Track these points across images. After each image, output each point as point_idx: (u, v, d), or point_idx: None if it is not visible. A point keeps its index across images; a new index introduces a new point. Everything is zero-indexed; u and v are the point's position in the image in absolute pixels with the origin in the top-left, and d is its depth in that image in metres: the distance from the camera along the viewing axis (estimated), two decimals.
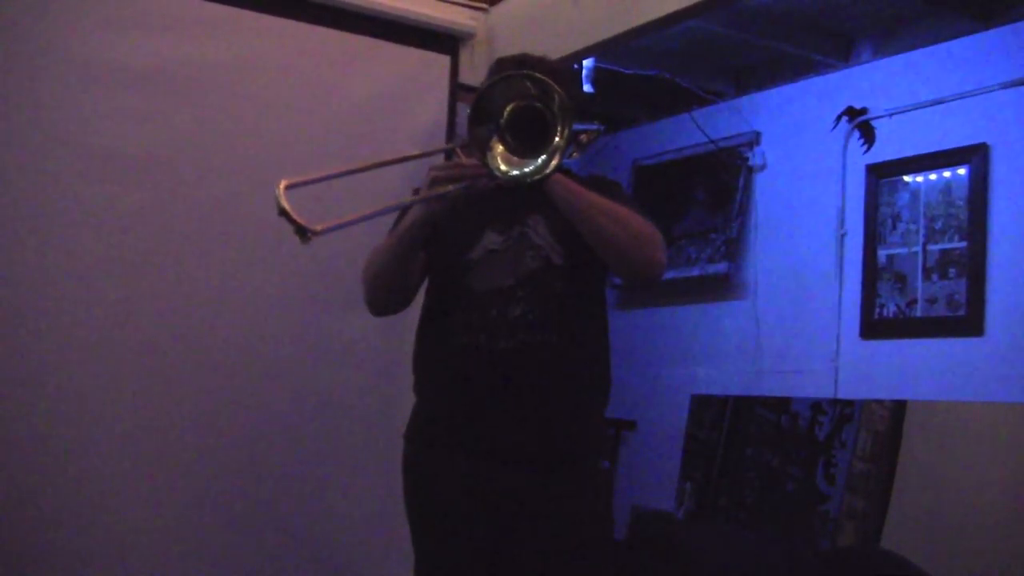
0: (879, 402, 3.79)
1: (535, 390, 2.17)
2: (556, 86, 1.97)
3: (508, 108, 2.00)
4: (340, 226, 1.92)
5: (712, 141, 4.73)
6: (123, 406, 3.18)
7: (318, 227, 1.85)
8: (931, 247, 3.82)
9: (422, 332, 2.33)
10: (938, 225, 3.81)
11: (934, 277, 3.81)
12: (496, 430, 2.17)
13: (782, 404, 4.17)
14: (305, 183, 1.94)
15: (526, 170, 2.00)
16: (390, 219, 2.35)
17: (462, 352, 2.19)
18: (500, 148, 2.01)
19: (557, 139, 1.97)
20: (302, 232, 1.85)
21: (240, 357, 3.37)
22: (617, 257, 2.20)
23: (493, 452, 2.17)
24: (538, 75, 2.01)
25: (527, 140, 2.01)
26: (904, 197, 3.95)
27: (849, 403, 3.91)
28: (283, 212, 1.84)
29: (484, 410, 2.18)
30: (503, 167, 2.01)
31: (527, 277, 2.21)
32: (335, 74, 3.61)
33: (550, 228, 2.24)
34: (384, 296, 2.29)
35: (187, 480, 3.26)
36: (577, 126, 2.11)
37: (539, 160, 1.99)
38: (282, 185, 1.88)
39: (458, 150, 2.25)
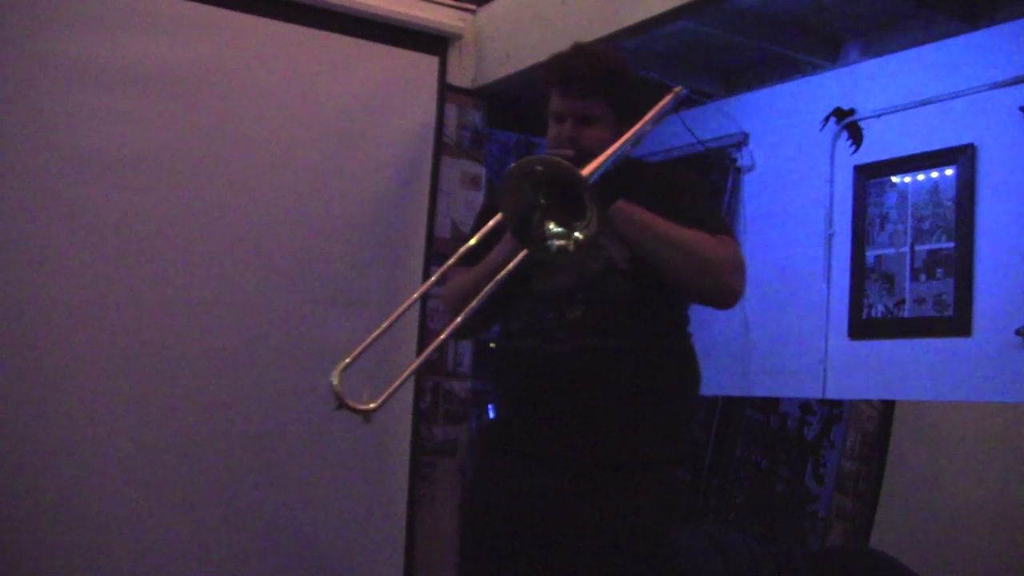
0: (868, 402, 3.79)
1: (593, 396, 2.07)
2: (554, 163, 1.88)
3: (541, 194, 1.92)
4: (391, 394, 1.98)
5: (700, 142, 4.73)
6: (117, 406, 3.17)
7: (373, 405, 1.94)
8: (919, 247, 3.83)
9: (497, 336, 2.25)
10: (926, 226, 3.82)
11: (922, 277, 3.81)
12: (552, 436, 2.09)
13: (771, 404, 4.17)
14: (352, 362, 2.00)
15: (568, 246, 1.92)
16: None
17: (517, 356, 2.13)
18: (552, 224, 1.93)
19: (587, 212, 1.88)
20: (365, 416, 1.93)
21: (234, 358, 3.36)
22: (684, 287, 2.13)
23: (549, 458, 2.08)
24: (538, 160, 1.91)
25: (575, 203, 1.90)
26: (892, 198, 3.95)
27: (838, 403, 3.91)
28: (342, 406, 1.92)
29: (540, 415, 2.10)
30: (551, 242, 1.93)
31: (588, 279, 2.13)
32: (324, 75, 3.61)
33: None
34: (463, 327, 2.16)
35: (180, 480, 3.25)
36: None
37: (577, 235, 1.91)
38: (337, 376, 1.93)
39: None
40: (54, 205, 3.13)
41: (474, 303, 2.05)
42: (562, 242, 1.91)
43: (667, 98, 2.28)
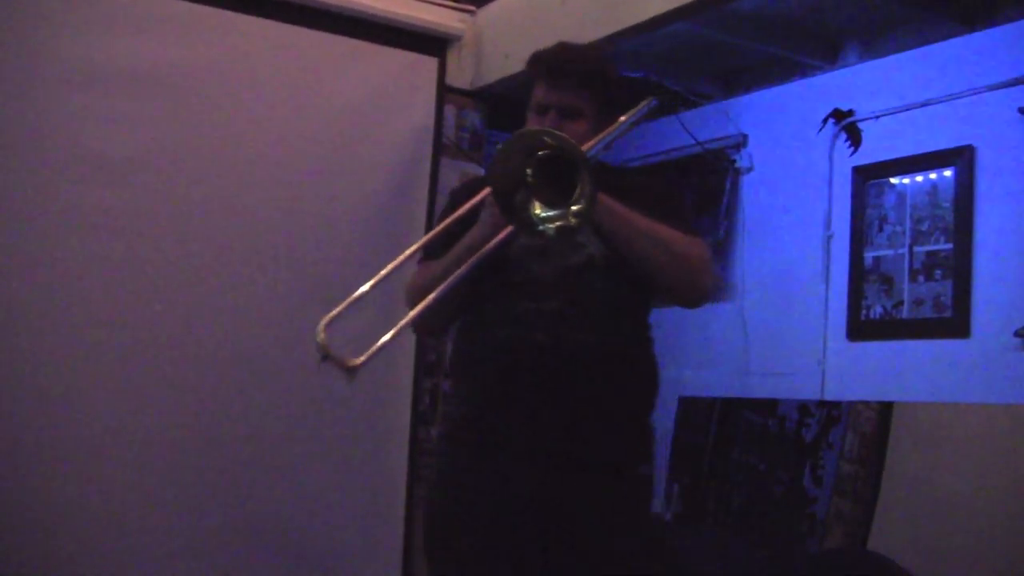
0: (866, 404, 3.79)
1: (570, 389, 2.08)
2: (562, 136, 1.92)
3: (529, 169, 1.94)
4: (377, 352, 1.94)
5: (699, 143, 4.73)
6: (115, 406, 3.17)
7: (359, 361, 1.90)
8: (917, 249, 3.83)
9: (460, 328, 2.26)
10: (924, 227, 3.82)
11: (920, 279, 3.82)
12: (529, 428, 2.08)
13: (769, 406, 4.17)
14: (339, 313, 1.98)
15: (569, 221, 1.92)
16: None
17: (497, 345, 2.12)
18: (538, 207, 1.94)
19: (579, 188, 1.89)
20: (349, 372, 1.89)
21: (230, 358, 3.36)
22: (661, 282, 2.15)
23: (527, 453, 2.08)
24: (546, 132, 1.95)
25: (560, 185, 1.92)
26: (890, 199, 3.96)
27: (836, 405, 3.91)
28: (327, 357, 1.89)
29: (518, 406, 2.10)
30: (547, 226, 1.94)
31: (566, 272, 2.14)
32: (323, 76, 3.61)
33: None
34: (431, 317, 2.17)
35: (179, 481, 3.25)
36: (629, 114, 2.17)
37: (574, 208, 1.91)
38: (322, 329, 1.91)
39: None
40: (52, 205, 3.12)
41: (450, 279, 2.06)
42: (560, 222, 1.92)
43: (640, 106, 2.33)
